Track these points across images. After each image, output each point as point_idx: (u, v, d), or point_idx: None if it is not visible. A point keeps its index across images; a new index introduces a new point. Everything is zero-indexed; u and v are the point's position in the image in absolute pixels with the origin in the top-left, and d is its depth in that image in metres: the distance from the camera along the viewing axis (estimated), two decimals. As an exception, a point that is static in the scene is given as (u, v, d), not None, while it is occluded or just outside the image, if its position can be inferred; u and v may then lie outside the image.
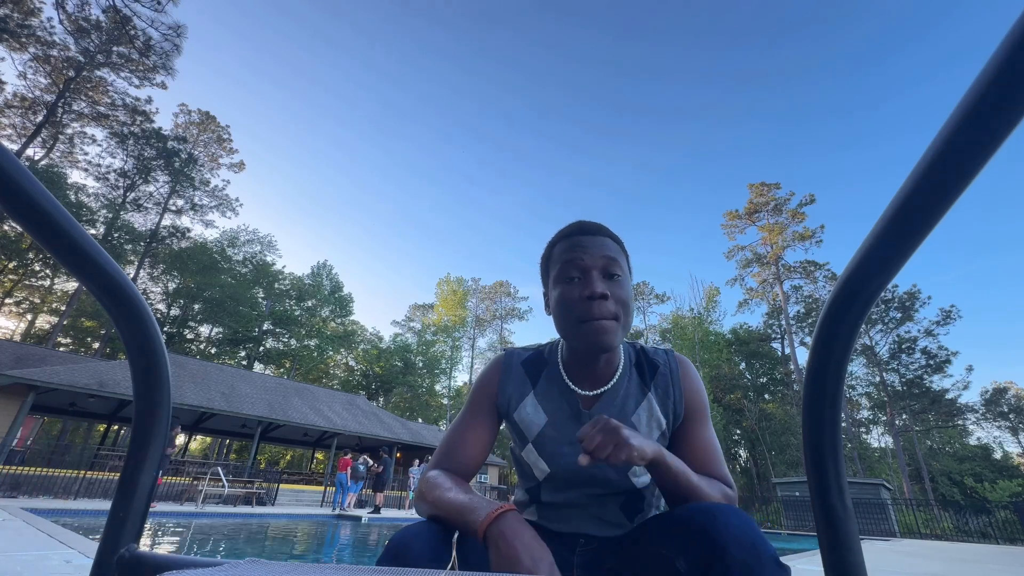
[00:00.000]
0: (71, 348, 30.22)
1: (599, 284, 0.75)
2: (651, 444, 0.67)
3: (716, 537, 0.55)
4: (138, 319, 0.56)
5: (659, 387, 0.83)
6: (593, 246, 0.78)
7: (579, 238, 0.80)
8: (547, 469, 0.83)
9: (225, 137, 34.80)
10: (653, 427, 0.82)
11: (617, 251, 0.80)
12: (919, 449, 31.13)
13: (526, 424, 0.85)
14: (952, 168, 0.32)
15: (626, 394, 0.83)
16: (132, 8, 18.24)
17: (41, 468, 11.51)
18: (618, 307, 0.75)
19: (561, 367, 0.85)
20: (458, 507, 0.65)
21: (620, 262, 0.79)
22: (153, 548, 4.68)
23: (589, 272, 0.76)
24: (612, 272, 0.77)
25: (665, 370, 0.85)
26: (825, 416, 0.49)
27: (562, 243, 0.82)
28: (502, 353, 0.92)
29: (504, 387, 0.87)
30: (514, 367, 0.89)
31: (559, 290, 0.78)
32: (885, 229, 0.37)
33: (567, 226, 0.84)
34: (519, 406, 0.86)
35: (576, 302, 0.75)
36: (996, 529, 13.82)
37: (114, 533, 0.60)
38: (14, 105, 24.08)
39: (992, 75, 0.29)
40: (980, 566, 5.47)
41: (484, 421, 0.86)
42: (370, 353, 40.90)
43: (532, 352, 0.91)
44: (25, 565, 2.76)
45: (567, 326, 0.77)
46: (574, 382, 0.83)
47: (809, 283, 33.66)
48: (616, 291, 0.76)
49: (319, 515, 11.18)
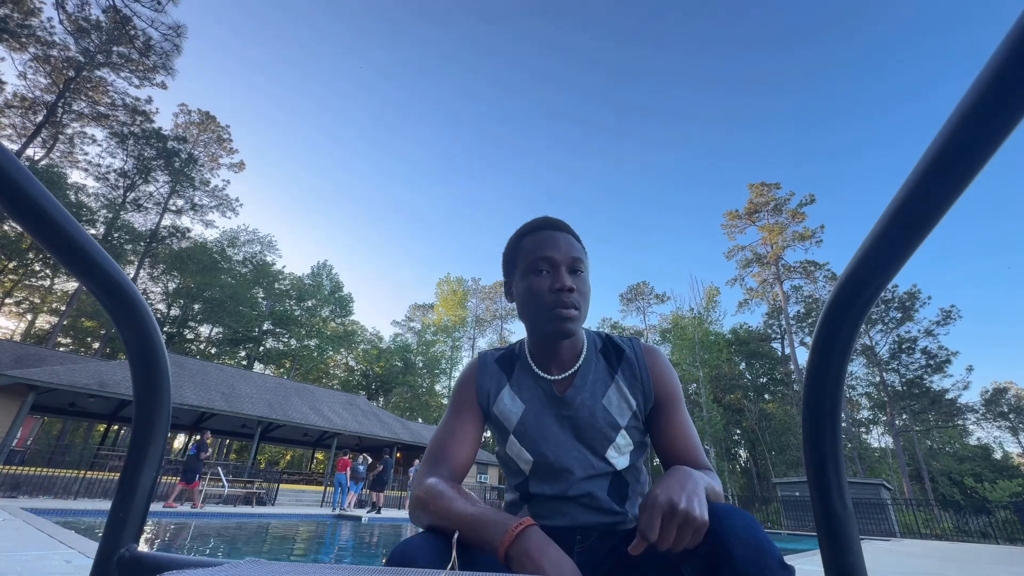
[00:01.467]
0: (71, 348, 30.21)
1: (567, 278, 0.82)
2: (701, 501, 0.57)
3: (722, 538, 0.55)
4: (138, 319, 0.56)
5: (625, 371, 0.87)
6: (562, 242, 0.84)
7: (548, 232, 0.86)
8: (531, 459, 0.85)
9: (225, 137, 34.79)
10: (624, 408, 0.85)
11: (580, 250, 0.87)
12: (919, 449, 31.11)
13: (505, 415, 0.88)
14: (952, 168, 0.32)
15: (595, 378, 0.87)
16: (132, 8, 18.25)
17: (41, 468, 11.50)
18: (581, 299, 0.83)
19: (529, 358, 0.91)
20: (469, 520, 0.63)
21: (583, 259, 0.86)
22: (153, 548, 4.68)
23: (558, 267, 0.83)
24: (577, 268, 0.84)
25: (631, 355, 0.89)
26: (825, 416, 0.49)
27: (531, 236, 0.87)
28: (476, 356, 0.98)
29: (482, 383, 0.91)
30: (489, 364, 0.93)
31: (528, 281, 0.84)
32: (885, 229, 0.37)
33: (534, 220, 0.90)
34: (497, 399, 0.90)
35: (546, 293, 0.82)
36: (996, 529, 13.82)
37: (114, 533, 0.60)
38: (14, 105, 24.07)
39: (992, 75, 0.29)
40: (980, 566, 5.47)
41: (469, 418, 0.88)
42: (370, 353, 40.89)
43: (503, 350, 0.97)
44: (25, 565, 2.76)
45: (535, 314, 0.84)
46: (543, 369, 0.88)
47: (809, 283, 33.70)
48: (580, 285, 0.83)
49: (319, 515, 11.18)
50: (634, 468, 0.87)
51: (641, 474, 0.89)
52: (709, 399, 25.32)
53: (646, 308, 41.49)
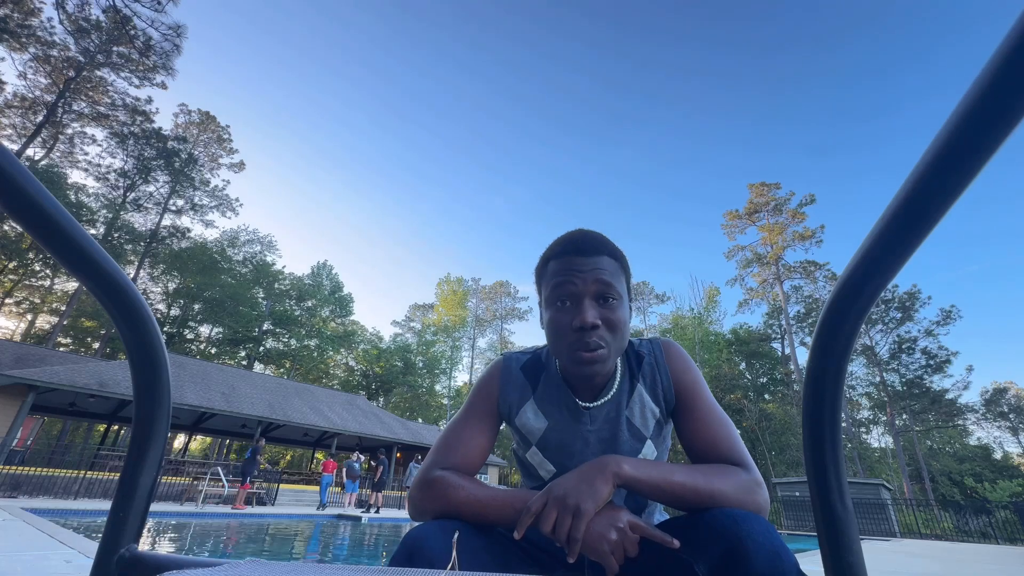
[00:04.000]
0: (71, 348, 30.22)
1: (589, 313, 0.72)
2: (605, 488, 0.63)
3: (738, 544, 0.54)
4: (138, 319, 0.56)
5: (646, 376, 0.83)
6: (586, 268, 0.75)
7: (572, 259, 0.76)
8: (553, 469, 0.83)
9: (225, 137, 34.81)
10: (648, 416, 0.82)
11: (614, 270, 0.77)
12: (919, 449, 31.12)
13: (528, 429, 0.85)
14: (952, 168, 0.32)
15: (619, 391, 0.83)
16: (132, 8, 18.25)
17: (41, 468, 11.51)
18: (610, 334, 0.74)
19: (560, 374, 0.85)
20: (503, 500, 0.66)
21: (615, 284, 0.75)
22: (153, 548, 4.68)
23: (581, 300, 0.74)
24: (607, 296, 0.74)
25: (650, 359, 0.84)
26: (825, 416, 0.49)
27: (555, 262, 0.79)
28: (500, 358, 0.92)
29: (504, 392, 0.87)
30: (513, 372, 0.88)
31: (550, 313, 0.77)
32: (885, 229, 0.37)
33: (562, 238, 0.81)
34: (520, 412, 0.86)
35: (566, 330, 0.74)
36: (996, 529, 13.83)
37: (114, 533, 0.60)
38: (14, 105, 24.07)
39: (992, 75, 0.29)
40: (980, 566, 5.47)
41: (485, 425, 0.85)
42: (370, 353, 40.89)
43: (530, 356, 0.90)
44: (25, 565, 2.76)
45: (558, 352, 0.77)
46: (573, 392, 0.83)
47: (809, 283, 33.70)
48: (608, 316, 0.74)
49: (319, 515, 11.18)
50: None
51: None
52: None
53: (646, 308, 41.48)
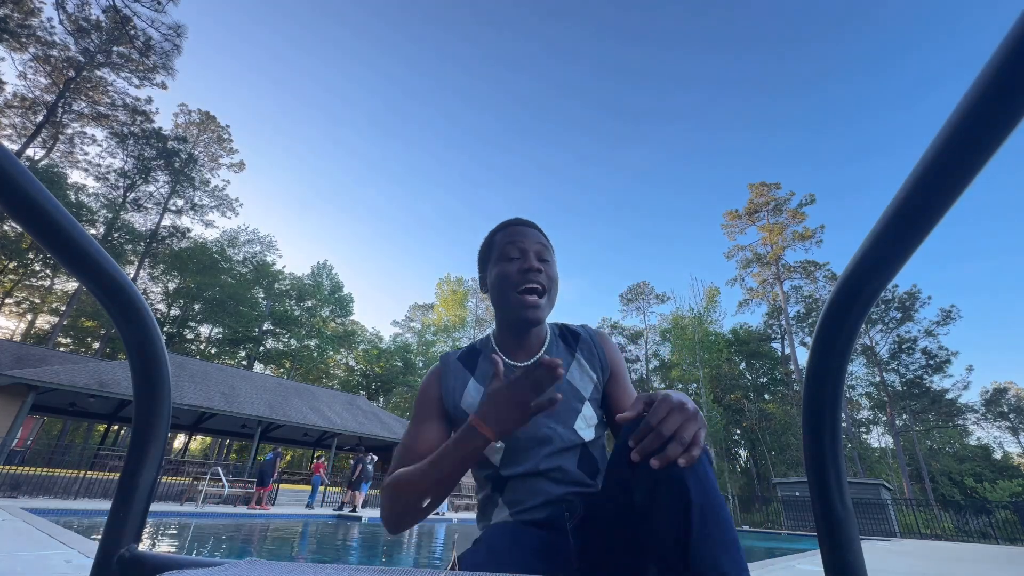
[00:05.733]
0: (71, 348, 30.20)
1: (535, 261, 0.90)
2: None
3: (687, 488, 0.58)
4: (138, 319, 0.56)
5: (583, 349, 0.96)
6: (529, 235, 0.94)
7: (519, 227, 0.96)
8: (500, 444, 0.85)
9: (225, 137, 34.79)
10: (586, 380, 0.92)
11: (547, 243, 0.96)
12: (919, 449, 31.08)
13: (472, 407, 0.88)
14: (952, 168, 0.32)
15: (558, 357, 0.94)
16: (132, 8, 18.24)
17: (41, 468, 11.51)
18: (548, 281, 0.91)
19: (495, 346, 0.96)
20: (441, 453, 0.71)
21: (550, 251, 0.96)
22: (153, 548, 4.68)
23: (527, 252, 0.91)
24: (544, 257, 0.93)
25: (586, 337, 0.99)
26: (825, 416, 0.49)
27: (503, 231, 0.96)
28: (438, 360, 1.01)
29: (445, 386, 0.93)
30: (451, 364, 0.96)
31: (500, 267, 0.92)
32: (885, 229, 0.37)
33: (506, 220, 1.00)
34: (463, 393, 0.91)
35: (515, 274, 0.89)
36: (996, 529, 13.83)
37: (114, 533, 0.60)
38: (14, 105, 24.05)
39: (992, 75, 0.28)
40: (980, 566, 5.47)
41: (434, 423, 0.89)
42: (370, 353, 40.85)
43: (465, 348, 1.01)
44: (25, 565, 2.76)
45: (504, 296, 0.90)
46: (509, 356, 0.93)
47: (809, 283, 33.66)
48: (547, 270, 0.92)
49: (319, 515, 11.18)
50: (599, 444, 0.89)
51: (606, 452, 0.89)
52: (709, 399, 25.27)
53: (646, 308, 41.47)
